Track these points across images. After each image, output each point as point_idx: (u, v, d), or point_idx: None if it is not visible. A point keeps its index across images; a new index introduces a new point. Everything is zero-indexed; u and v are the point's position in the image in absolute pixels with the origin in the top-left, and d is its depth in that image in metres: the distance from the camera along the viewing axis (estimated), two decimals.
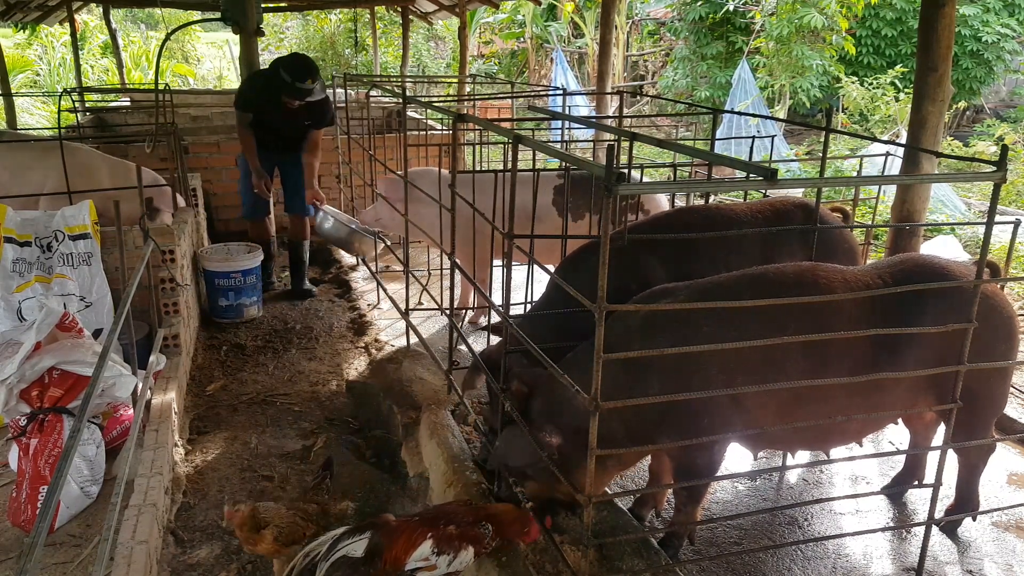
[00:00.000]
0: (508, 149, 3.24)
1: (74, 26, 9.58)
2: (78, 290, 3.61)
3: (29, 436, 2.81)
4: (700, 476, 2.39)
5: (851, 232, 3.23)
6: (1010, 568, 2.61)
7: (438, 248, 3.99)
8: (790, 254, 2.99)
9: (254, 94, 4.99)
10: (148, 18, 21.86)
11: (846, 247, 3.12)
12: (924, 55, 3.46)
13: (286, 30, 19.44)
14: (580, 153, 8.74)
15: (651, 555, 2.41)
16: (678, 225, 3.04)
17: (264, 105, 4.94)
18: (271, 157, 5.24)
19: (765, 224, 3.02)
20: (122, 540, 2.48)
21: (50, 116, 11.97)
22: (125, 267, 3.23)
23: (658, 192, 3.19)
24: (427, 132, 6.51)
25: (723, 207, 3.17)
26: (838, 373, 2.28)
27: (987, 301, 2.44)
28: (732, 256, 2.88)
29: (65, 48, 14.67)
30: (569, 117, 3.23)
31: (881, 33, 13.30)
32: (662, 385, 2.24)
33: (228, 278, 4.90)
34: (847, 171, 8.54)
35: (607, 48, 6.91)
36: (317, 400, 4.06)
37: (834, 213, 3.26)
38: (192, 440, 3.61)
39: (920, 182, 3.63)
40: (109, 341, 2.31)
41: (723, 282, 2.40)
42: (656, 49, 18.05)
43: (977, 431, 2.55)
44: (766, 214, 3.08)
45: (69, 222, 3.61)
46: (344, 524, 2.39)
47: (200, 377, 4.28)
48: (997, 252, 5.64)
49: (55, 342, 2.96)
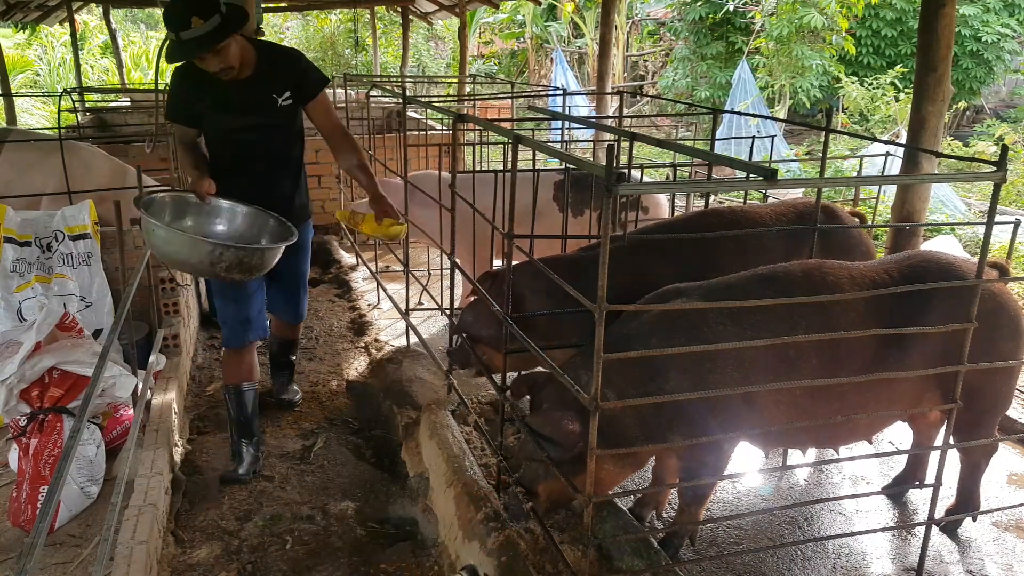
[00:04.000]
0: (508, 149, 3.24)
1: (74, 26, 9.57)
2: (78, 290, 3.61)
3: (29, 436, 2.81)
4: (707, 476, 2.40)
5: (868, 234, 3.21)
6: (1010, 568, 2.61)
7: (439, 249, 3.99)
8: (812, 256, 2.97)
9: (182, 89, 3.06)
10: (148, 18, 21.85)
11: (863, 249, 3.11)
12: (924, 55, 3.46)
13: (286, 30, 19.45)
14: (580, 153, 8.75)
15: (651, 555, 2.41)
16: (701, 228, 2.99)
17: (201, 96, 3.01)
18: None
19: (788, 226, 3.00)
20: (122, 540, 2.47)
21: (50, 116, 11.97)
22: (125, 267, 3.23)
23: (658, 192, 3.19)
24: (427, 132, 6.50)
25: (747, 209, 3.13)
26: (849, 369, 2.29)
27: (994, 299, 2.44)
28: (755, 257, 2.83)
29: (65, 48, 14.68)
30: (569, 117, 3.23)
31: (881, 33, 13.30)
32: (679, 382, 2.24)
33: None
34: (847, 171, 8.54)
35: (607, 48, 6.91)
36: (317, 400, 4.06)
37: (852, 217, 3.24)
38: (192, 440, 3.61)
39: (920, 182, 3.63)
40: (109, 341, 2.31)
41: (734, 282, 2.41)
42: (656, 49, 18.05)
43: (980, 430, 2.55)
44: (789, 216, 3.05)
45: (69, 222, 3.62)
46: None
47: (200, 377, 4.28)
48: (997, 252, 5.64)
49: (55, 342, 2.96)
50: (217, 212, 3.08)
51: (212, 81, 2.91)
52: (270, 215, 3.12)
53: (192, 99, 3.01)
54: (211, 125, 3.09)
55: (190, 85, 2.99)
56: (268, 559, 2.81)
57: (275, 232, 3.10)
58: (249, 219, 3.12)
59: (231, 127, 3.08)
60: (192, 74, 2.94)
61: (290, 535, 2.93)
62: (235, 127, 3.08)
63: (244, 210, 3.11)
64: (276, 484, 3.27)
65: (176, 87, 3.05)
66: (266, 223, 3.12)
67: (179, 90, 3.04)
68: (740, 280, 2.42)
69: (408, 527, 3.09)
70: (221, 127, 3.09)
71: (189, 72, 2.97)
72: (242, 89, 3.00)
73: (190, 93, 3.01)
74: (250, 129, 3.10)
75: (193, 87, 2.98)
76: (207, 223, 3.06)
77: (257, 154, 3.14)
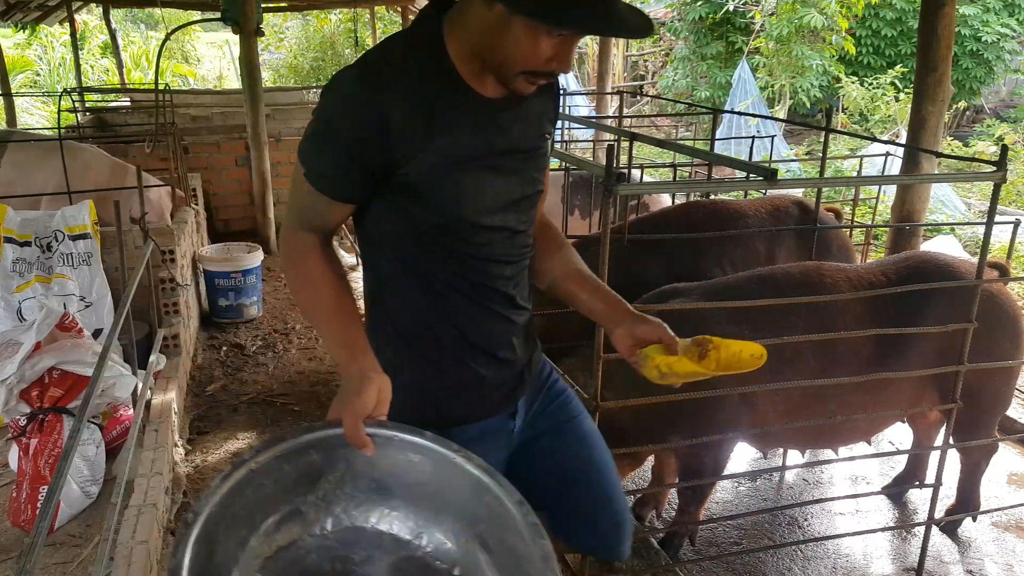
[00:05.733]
0: None
1: (74, 26, 9.57)
2: (78, 290, 3.61)
3: (29, 436, 2.81)
4: (706, 476, 2.40)
5: (844, 230, 3.31)
6: (1010, 568, 2.61)
7: None
8: (788, 249, 3.12)
9: (367, 120, 1.24)
10: (148, 18, 21.86)
11: (839, 243, 3.24)
12: (924, 55, 3.46)
13: (286, 30, 19.44)
14: (580, 153, 8.75)
15: (651, 555, 2.41)
16: (681, 220, 3.10)
17: (424, 138, 1.27)
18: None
19: (767, 219, 3.10)
20: (122, 540, 2.47)
21: (50, 116, 11.97)
22: (125, 267, 3.23)
23: (658, 192, 3.20)
24: None
25: (728, 203, 3.22)
26: (847, 370, 2.30)
27: (993, 300, 2.44)
28: (736, 251, 2.97)
29: (65, 48, 14.66)
30: (569, 117, 3.24)
31: (881, 33, 13.29)
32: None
33: (228, 278, 4.90)
34: (847, 171, 8.54)
35: (607, 48, 6.91)
36: (317, 400, 4.06)
37: (828, 213, 3.32)
38: (192, 440, 3.61)
39: (920, 182, 3.63)
40: (109, 341, 2.31)
41: (733, 282, 2.42)
42: (656, 49, 18.05)
43: (980, 430, 2.56)
44: (766, 210, 3.19)
45: (69, 222, 3.61)
46: None
47: (200, 377, 4.28)
48: (997, 252, 5.64)
49: (55, 342, 2.96)
50: (385, 485, 1.23)
51: (461, 105, 1.30)
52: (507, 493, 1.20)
53: (394, 143, 1.26)
54: (436, 205, 1.32)
55: (406, 112, 1.25)
56: None
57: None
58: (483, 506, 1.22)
59: (492, 205, 1.36)
60: (412, 90, 1.26)
61: None
62: (498, 204, 1.37)
63: (476, 476, 1.21)
64: None
65: (349, 116, 1.26)
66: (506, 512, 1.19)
67: (361, 121, 1.25)
68: (738, 281, 2.43)
69: None
70: (474, 207, 1.34)
71: (403, 84, 1.26)
72: (513, 125, 1.36)
73: (394, 129, 1.25)
74: (514, 207, 1.40)
75: (406, 117, 1.25)
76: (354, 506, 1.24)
77: (507, 269, 1.43)
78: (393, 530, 1.22)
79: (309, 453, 1.18)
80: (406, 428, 1.22)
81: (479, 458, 1.22)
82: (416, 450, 1.22)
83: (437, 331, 1.40)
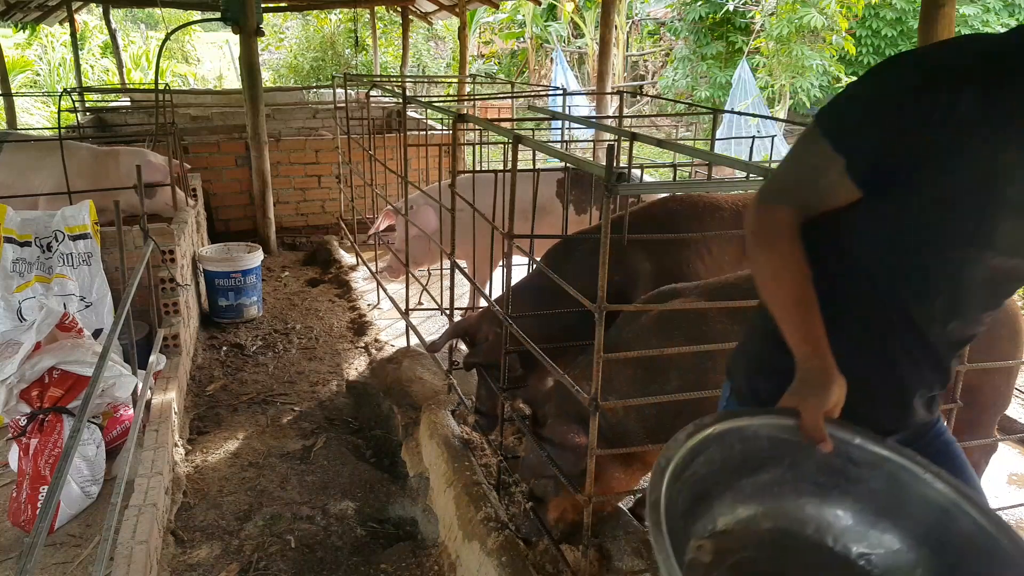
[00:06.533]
0: (508, 149, 3.24)
1: (74, 26, 9.57)
2: (78, 290, 3.61)
3: (29, 436, 2.81)
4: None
5: None
6: None
7: (440, 250, 4.00)
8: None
9: (932, 110, 1.09)
10: (148, 18, 21.87)
11: None
12: None
13: (286, 30, 19.44)
14: (580, 153, 8.75)
15: (651, 555, 2.41)
16: (661, 214, 3.12)
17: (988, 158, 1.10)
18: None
19: (743, 212, 3.12)
20: (122, 540, 2.47)
21: (50, 116, 11.98)
22: (125, 267, 3.22)
23: (658, 192, 3.20)
24: (427, 132, 6.50)
25: (705, 196, 3.24)
26: None
27: None
28: (713, 244, 2.98)
29: (65, 48, 14.68)
30: (569, 117, 3.24)
31: (881, 33, 13.30)
32: (681, 381, 2.24)
33: (228, 278, 4.90)
34: None
35: (607, 48, 6.92)
36: (317, 400, 4.06)
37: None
38: (192, 440, 3.61)
39: None
40: (109, 341, 2.31)
41: (732, 281, 2.42)
42: (656, 49, 18.05)
43: (980, 430, 2.56)
44: (744, 201, 3.20)
45: (69, 222, 3.61)
46: None
47: (200, 377, 4.28)
48: None
49: (55, 342, 2.96)
50: (856, 474, 1.21)
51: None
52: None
53: (942, 146, 1.11)
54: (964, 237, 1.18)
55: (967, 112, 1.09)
56: (268, 559, 2.81)
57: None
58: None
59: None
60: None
61: (290, 535, 2.93)
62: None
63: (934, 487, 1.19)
64: (276, 484, 3.27)
65: (910, 90, 1.13)
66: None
67: (925, 109, 1.11)
68: (739, 280, 2.43)
69: (408, 527, 3.09)
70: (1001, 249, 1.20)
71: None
72: None
73: (953, 129, 1.10)
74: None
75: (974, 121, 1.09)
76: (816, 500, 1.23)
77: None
78: (835, 545, 1.19)
79: (760, 439, 1.17)
80: (866, 433, 1.19)
81: (951, 476, 1.15)
82: (874, 458, 1.18)
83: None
